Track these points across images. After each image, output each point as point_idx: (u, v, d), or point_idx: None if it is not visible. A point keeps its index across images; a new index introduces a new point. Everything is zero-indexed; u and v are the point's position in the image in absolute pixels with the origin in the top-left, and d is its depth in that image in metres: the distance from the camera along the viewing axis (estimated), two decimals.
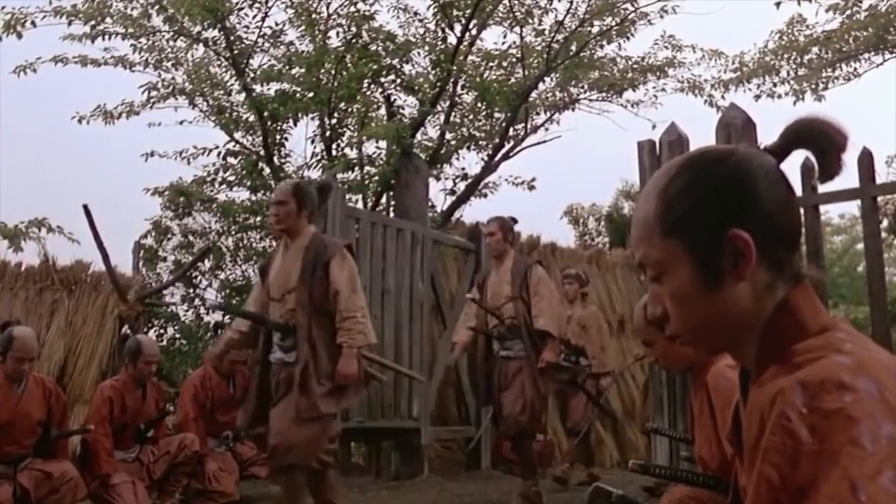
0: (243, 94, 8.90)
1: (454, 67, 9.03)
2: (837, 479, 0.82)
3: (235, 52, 8.72)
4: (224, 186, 9.08)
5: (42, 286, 8.04)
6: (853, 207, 14.37)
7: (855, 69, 10.17)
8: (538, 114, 10.17)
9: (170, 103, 8.98)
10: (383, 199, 9.10)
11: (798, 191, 4.55)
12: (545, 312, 5.15)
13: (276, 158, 8.88)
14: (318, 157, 8.99)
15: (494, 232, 5.39)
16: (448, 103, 9.49)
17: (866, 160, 5.12)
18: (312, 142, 9.06)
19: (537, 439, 6.78)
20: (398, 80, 9.39)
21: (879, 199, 5.44)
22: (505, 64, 9.86)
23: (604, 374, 6.83)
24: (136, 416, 5.28)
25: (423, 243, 7.61)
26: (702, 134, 8.80)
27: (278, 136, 8.99)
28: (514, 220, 5.55)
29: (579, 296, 7.01)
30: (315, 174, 8.83)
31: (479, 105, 9.69)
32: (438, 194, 9.49)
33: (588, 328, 6.81)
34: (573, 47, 9.53)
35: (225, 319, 8.78)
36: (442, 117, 9.55)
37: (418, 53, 9.48)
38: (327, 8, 9.01)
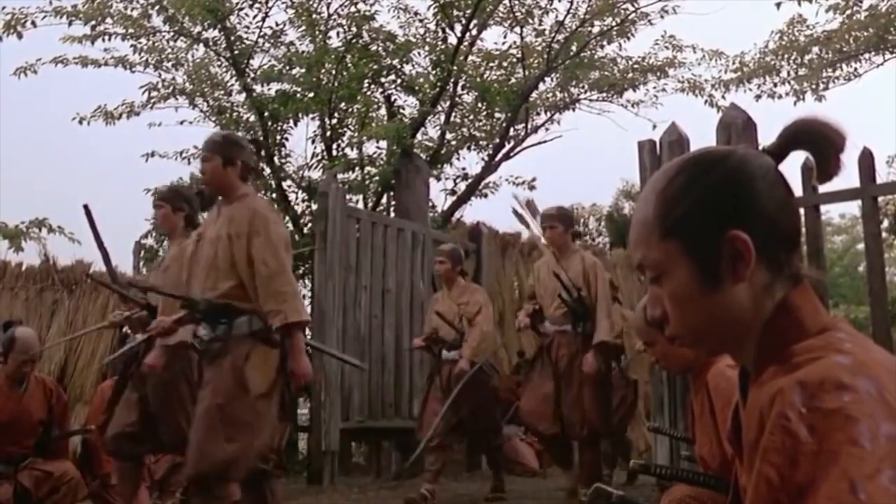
0: (244, 95, 8.90)
1: (454, 67, 9.03)
2: (837, 478, 0.82)
3: (236, 52, 8.73)
4: None
5: (42, 286, 8.04)
6: (853, 207, 14.38)
7: (855, 69, 10.17)
8: (538, 114, 10.18)
9: (170, 103, 9.00)
10: (384, 199, 9.11)
11: (798, 191, 4.55)
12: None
13: (276, 159, 8.88)
14: (319, 157, 9.00)
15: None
16: (448, 103, 9.49)
17: (867, 160, 5.12)
18: (313, 142, 9.07)
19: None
20: (398, 81, 9.40)
21: (880, 199, 5.44)
22: (505, 64, 9.86)
23: None
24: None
25: (424, 243, 7.61)
26: (702, 134, 8.79)
27: (279, 137, 8.99)
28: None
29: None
30: (315, 174, 8.84)
31: (479, 105, 9.70)
32: (439, 194, 9.51)
33: None
34: (573, 47, 9.54)
35: None
36: (442, 117, 9.56)
37: (419, 53, 9.50)
38: (328, 8, 9.03)
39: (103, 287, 6.61)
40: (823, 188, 5.02)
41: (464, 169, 9.68)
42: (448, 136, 9.58)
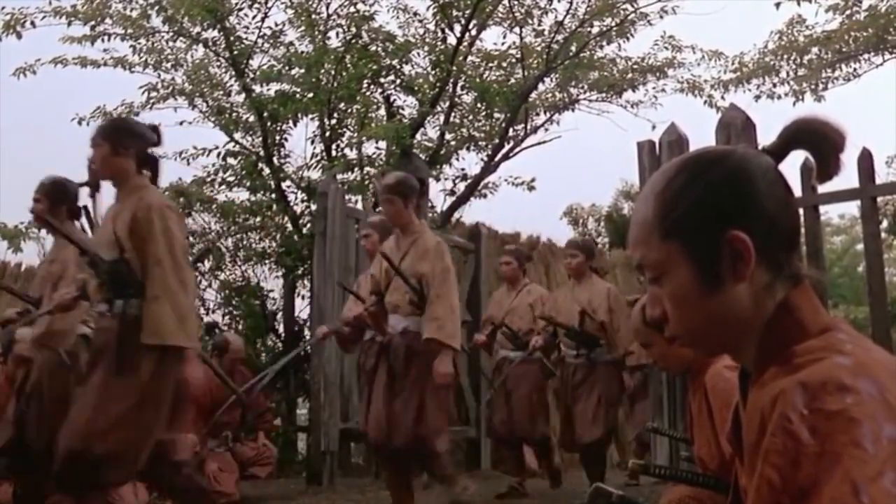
0: (243, 95, 8.89)
1: (454, 68, 9.03)
2: (839, 480, 0.81)
3: (235, 52, 8.72)
4: (224, 187, 9.07)
5: None
6: (853, 208, 14.36)
7: (855, 69, 10.17)
8: (538, 114, 10.17)
9: (169, 104, 8.98)
10: None
11: (798, 191, 4.56)
12: None
13: (275, 159, 8.87)
14: (318, 157, 8.99)
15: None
16: (448, 104, 9.49)
17: (866, 160, 5.13)
18: (312, 142, 9.06)
19: None
20: (398, 81, 9.39)
21: (879, 199, 5.45)
22: (504, 64, 9.86)
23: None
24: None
25: None
26: (701, 134, 8.79)
27: (278, 137, 8.98)
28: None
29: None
30: (315, 174, 8.83)
31: (478, 105, 9.69)
32: (438, 195, 9.50)
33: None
34: (573, 48, 9.53)
35: (224, 320, 8.79)
36: (441, 118, 9.55)
37: (418, 54, 9.49)
38: (327, 8, 9.02)
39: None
40: (823, 188, 5.02)
41: (463, 169, 9.68)
42: (447, 136, 9.58)
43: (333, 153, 9.01)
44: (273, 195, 8.83)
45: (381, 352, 4.26)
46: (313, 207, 7.95)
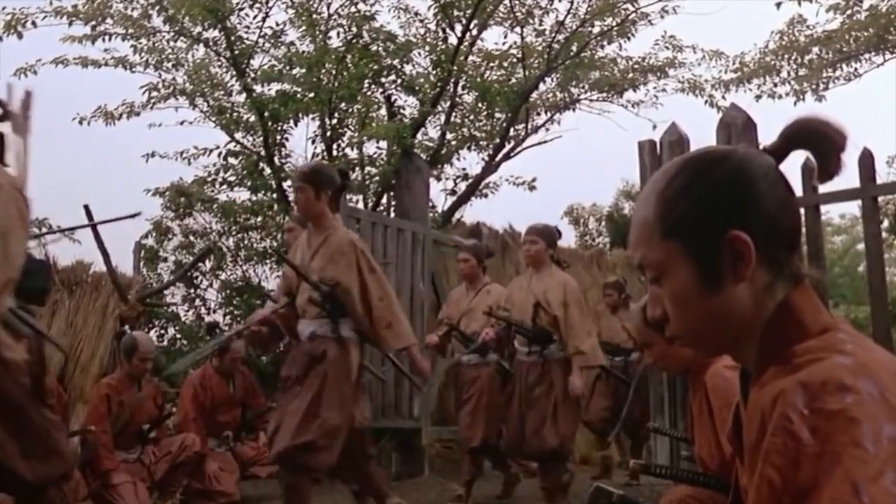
0: (244, 95, 8.89)
1: (455, 68, 9.03)
2: (839, 480, 0.81)
3: (236, 52, 8.72)
4: (225, 187, 9.08)
5: None
6: (854, 207, 14.38)
7: (855, 69, 10.16)
8: (539, 114, 10.17)
9: (170, 104, 8.98)
10: (384, 200, 9.10)
11: (798, 191, 4.55)
12: None
13: (276, 159, 8.87)
14: (319, 157, 8.98)
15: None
16: (449, 103, 9.49)
17: (867, 160, 5.12)
18: (313, 142, 9.06)
19: None
20: (399, 81, 9.39)
21: (880, 199, 5.43)
22: (505, 64, 9.85)
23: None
24: (135, 414, 5.28)
25: (424, 243, 7.61)
26: (702, 134, 8.80)
27: (279, 137, 8.98)
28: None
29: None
30: None
31: (479, 105, 9.69)
32: (439, 194, 9.50)
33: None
34: (574, 47, 9.53)
35: (224, 320, 8.79)
36: (442, 117, 9.55)
37: (419, 54, 9.49)
38: (328, 8, 9.02)
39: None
40: (823, 188, 5.01)
41: (464, 169, 9.68)
42: (448, 136, 9.58)
43: (334, 153, 9.01)
44: (274, 195, 8.84)
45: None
46: None
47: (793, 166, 1.09)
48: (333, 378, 3.88)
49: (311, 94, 8.70)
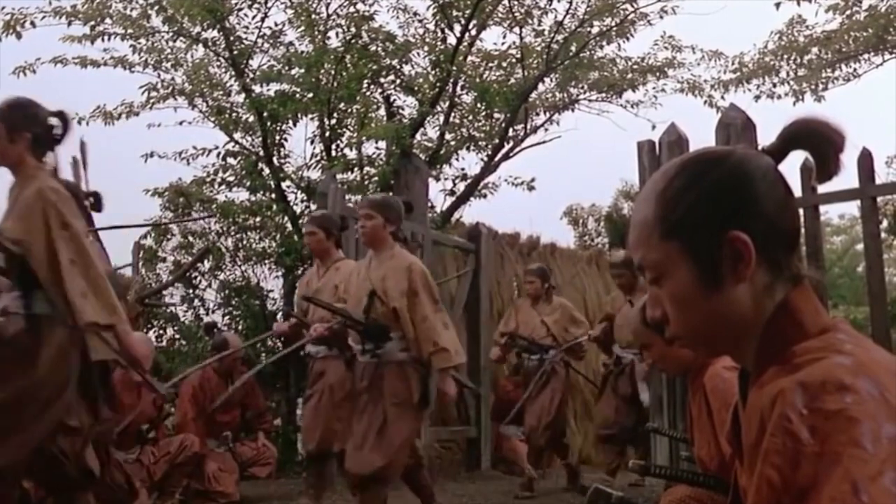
0: (243, 95, 8.89)
1: (454, 68, 9.03)
2: (839, 480, 0.81)
3: (235, 52, 8.72)
4: (223, 187, 9.08)
5: None
6: (853, 208, 14.34)
7: (855, 70, 10.17)
8: (538, 114, 10.18)
9: (169, 104, 8.98)
10: None
11: (798, 191, 4.56)
12: None
13: (275, 159, 8.87)
14: (318, 157, 8.99)
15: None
16: (447, 104, 9.49)
17: (866, 161, 5.13)
18: (312, 142, 9.06)
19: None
20: (398, 81, 9.39)
21: (879, 199, 5.44)
22: (504, 64, 9.86)
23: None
24: (134, 415, 5.28)
25: (423, 244, 7.61)
26: (701, 134, 8.78)
27: (278, 137, 8.98)
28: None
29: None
30: (315, 175, 8.83)
31: (478, 105, 9.69)
32: (438, 195, 9.50)
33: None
34: (573, 48, 9.54)
35: (223, 320, 8.78)
36: (441, 118, 9.55)
37: (418, 54, 9.49)
38: (327, 8, 9.02)
39: None
40: (823, 188, 5.02)
41: (463, 169, 9.68)
42: (447, 136, 9.58)
43: (333, 153, 9.01)
44: (273, 195, 8.84)
45: None
46: (313, 207, 7.94)
47: (792, 166, 1.09)
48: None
49: (310, 95, 8.70)
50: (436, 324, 4.01)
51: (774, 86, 10.31)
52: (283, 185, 8.79)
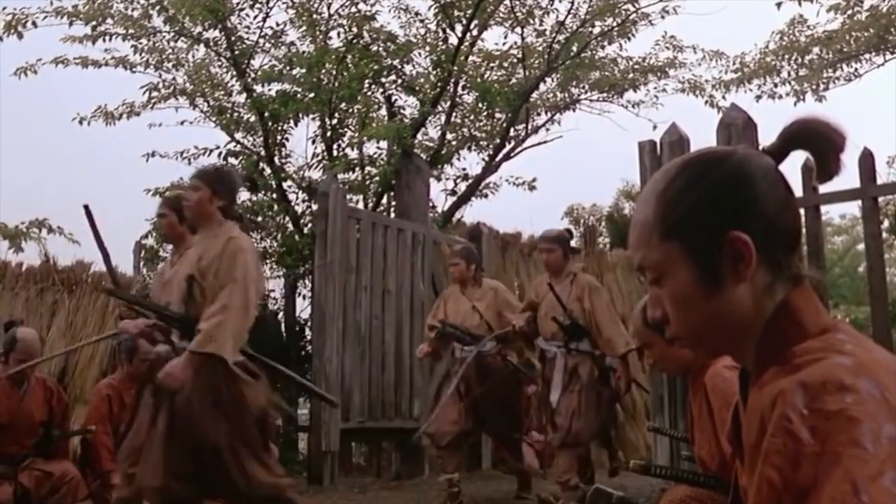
0: (244, 95, 8.90)
1: (455, 68, 9.04)
2: (839, 480, 0.81)
3: (236, 52, 8.73)
4: None
5: (43, 286, 8.03)
6: (854, 208, 14.33)
7: (856, 70, 10.17)
8: (539, 114, 10.19)
9: (170, 104, 8.99)
10: (384, 200, 9.11)
11: (799, 191, 4.56)
12: None
13: (276, 159, 8.88)
14: (319, 157, 9.00)
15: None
16: (449, 104, 9.50)
17: (867, 161, 5.12)
18: (313, 142, 9.07)
19: (537, 439, 6.77)
20: (399, 81, 9.40)
21: (880, 199, 5.44)
22: (506, 64, 9.87)
23: None
24: (135, 414, 5.28)
25: (424, 244, 7.62)
26: (702, 134, 8.80)
27: (279, 137, 9.00)
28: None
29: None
30: (316, 174, 8.84)
31: (479, 105, 9.70)
32: (439, 195, 9.51)
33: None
34: (574, 48, 9.54)
35: None
36: (443, 118, 9.56)
37: (419, 54, 9.51)
38: (328, 8, 9.03)
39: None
40: (823, 188, 5.02)
41: (464, 169, 9.70)
42: (448, 136, 9.59)
43: (334, 153, 9.02)
44: (274, 195, 8.84)
45: None
46: (314, 207, 7.96)
47: (793, 167, 1.09)
48: None
49: (312, 95, 8.71)
50: (223, 303, 3.37)
51: (776, 86, 10.32)
52: (285, 185, 8.81)
